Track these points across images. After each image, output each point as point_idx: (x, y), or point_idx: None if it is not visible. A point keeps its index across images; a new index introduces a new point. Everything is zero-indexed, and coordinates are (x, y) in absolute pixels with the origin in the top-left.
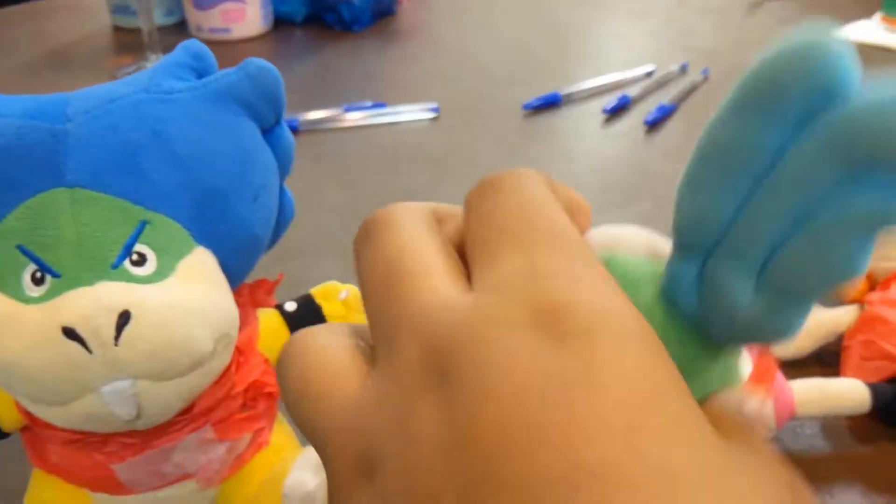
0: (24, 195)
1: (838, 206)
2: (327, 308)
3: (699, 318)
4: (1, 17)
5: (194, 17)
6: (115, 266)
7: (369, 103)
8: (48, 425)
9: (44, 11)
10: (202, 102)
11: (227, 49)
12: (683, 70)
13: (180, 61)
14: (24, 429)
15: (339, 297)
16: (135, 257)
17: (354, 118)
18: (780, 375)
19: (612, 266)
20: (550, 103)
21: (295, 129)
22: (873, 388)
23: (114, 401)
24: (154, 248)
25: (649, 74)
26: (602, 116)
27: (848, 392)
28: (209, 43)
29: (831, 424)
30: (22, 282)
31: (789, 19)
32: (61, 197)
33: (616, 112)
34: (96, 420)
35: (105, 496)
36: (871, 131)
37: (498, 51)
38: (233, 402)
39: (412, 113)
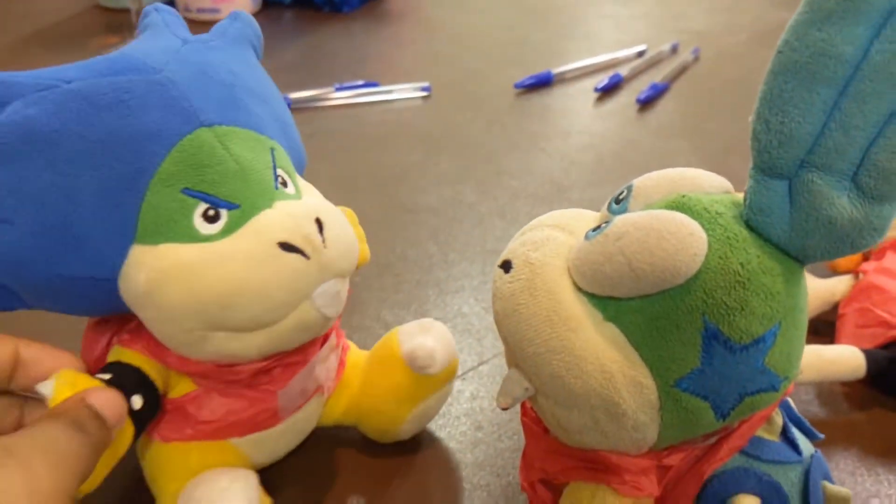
0: (170, 141)
1: None
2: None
3: (789, 237)
4: None
5: None
6: (276, 188)
7: (361, 82)
8: (226, 373)
9: None
10: (233, 46)
11: None
12: (674, 50)
13: (162, 22)
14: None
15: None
16: (280, 180)
17: (346, 96)
18: None
19: (687, 204)
20: (543, 82)
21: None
22: (869, 354)
23: (324, 302)
24: (285, 171)
25: (641, 54)
26: (594, 95)
27: (844, 358)
28: (197, 23)
29: (827, 390)
30: (194, 223)
31: (778, 2)
32: (208, 136)
33: (608, 91)
34: (304, 328)
35: (252, 438)
36: None
37: (489, 32)
38: None
39: (404, 92)
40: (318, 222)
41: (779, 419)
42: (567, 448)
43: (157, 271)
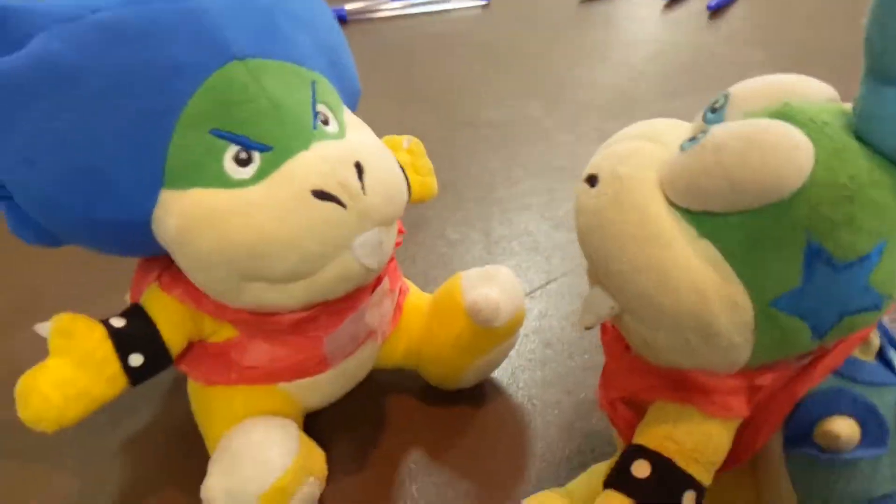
0: (197, 77)
1: None
2: (397, 157)
3: None
4: None
5: None
6: (314, 127)
7: None
8: (266, 322)
9: None
10: None
11: None
12: None
13: None
14: (196, 355)
15: (403, 146)
16: (321, 117)
17: (402, 6)
18: None
19: (791, 113)
20: None
21: (343, 20)
22: None
23: (364, 252)
24: (328, 106)
25: None
26: (661, 2)
27: None
28: None
29: None
30: (224, 167)
31: None
32: (239, 70)
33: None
34: (344, 279)
35: (301, 383)
36: None
37: None
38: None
39: (462, 1)
40: (358, 166)
41: (876, 340)
42: (652, 366)
43: (187, 218)
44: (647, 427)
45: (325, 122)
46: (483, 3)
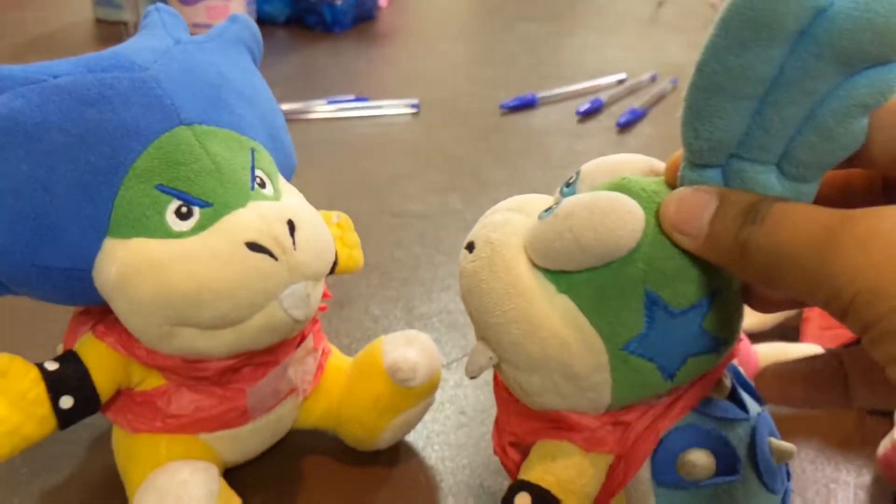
0: (147, 138)
1: (840, 96)
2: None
3: None
4: None
5: (179, 11)
6: (252, 189)
7: (352, 97)
8: (194, 370)
9: (29, 0)
10: (228, 48)
11: None
12: (653, 80)
13: (159, 22)
14: (123, 403)
15: (333, 220)
16: (258, 181)
17: (337, 109)
18: (745, 339)
19: (626, 185)
20: (527, 104)
21: None
22: (830, 353)
23: (293, 304)
24: (265, 172)
25: (621, 82)
26: (576, 118)
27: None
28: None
29: None
30: (166, 220)
31: None
32: (186, 134)
33: (589, 114)
34: (271, 329)
35: (222, 435)
36: (856, 25)
37: (477, 57)
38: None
39: (394, 108)
40: (290, 224)
41: (727, 382)
42: (533, 411)
43: (128, 265)
44: (528, 464)
45: (262, 185)
46: (413, 110)
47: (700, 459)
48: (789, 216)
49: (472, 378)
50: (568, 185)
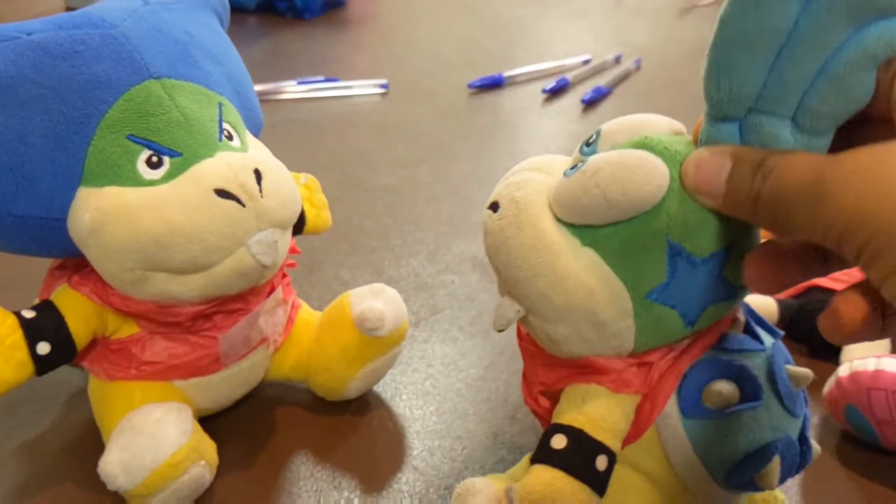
0: (118, 90)
1: (852, 48)
2: None
3: None
4: None
5: None
6: (220, 140)
7: (321, 78)
8: (167, 314)
9: None
10: (194, 10)
11: None
12: (618, 60)
13: None
14: (99, 352)
15: (301, 181)
16: (226, 133)
17: (307, 90)
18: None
19: (649, 144)
20: (494, 84)
21: None
22: (781, 303)
23: (261, 250)
24: (232, 126)
25: (586, 62)
26: (542, 96)
27: (758, 307)
28: None
29: None
30: (137, 169)
31: None
32: (155, 87)
33: (555, 92)
34: (240, 274)
35: (196, 382)
36: None
37: (445, 39)
38: (282, 267)
39: (363, 88)
40: (257, 172)
41: (742, 318)
42: (559, 360)
43: (101, 212)
44: (560, 409)
45: (230, 138)
46: (382, 90)
47: (724, 389)
48: (790, 165)
49: (499, 331)
50: (588, 144)
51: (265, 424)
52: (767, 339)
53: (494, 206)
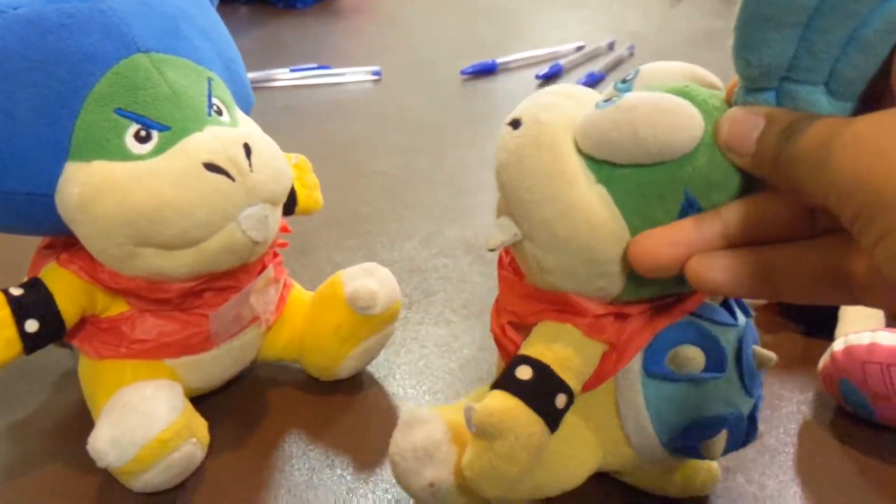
0: (106, 64)
1: (881, 15)
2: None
3: None
4: None
5: None
6: (209, 115)
7: (314, 65)
8: (156, 291)
9: None
10: None
11: None
12: (611, 47)
13: None
14: (89, 330)
15: (292, 161)
16: (215, 108)
17: (300, 77)
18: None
19: (690, 93)
20: (487, 70)
21: None
22: None
23: (251, 225)
24: (222, 101)
25: (580, 49)
26: (535, 82)
27: None
28: None
29: None
30: (125, 143)
31: (711, 11)
32: (143, 61)
33: (549, 78)
34: (230, 250)
35: (186, 361)
36: None
37: (438, 28)
38: (273, 247)
39: (356, 75)
40: (247, 147)
41: None
42: (539, 292)
43: (90, 186)
44: (530, 341)
45: (220, 113)
46: (375, 77)
47: (691, 353)
48: (812, 128)
49: (491, 251)
50: (624, 81)
51: (258, 404)
52: (741, 317)
53: (516, 123)
